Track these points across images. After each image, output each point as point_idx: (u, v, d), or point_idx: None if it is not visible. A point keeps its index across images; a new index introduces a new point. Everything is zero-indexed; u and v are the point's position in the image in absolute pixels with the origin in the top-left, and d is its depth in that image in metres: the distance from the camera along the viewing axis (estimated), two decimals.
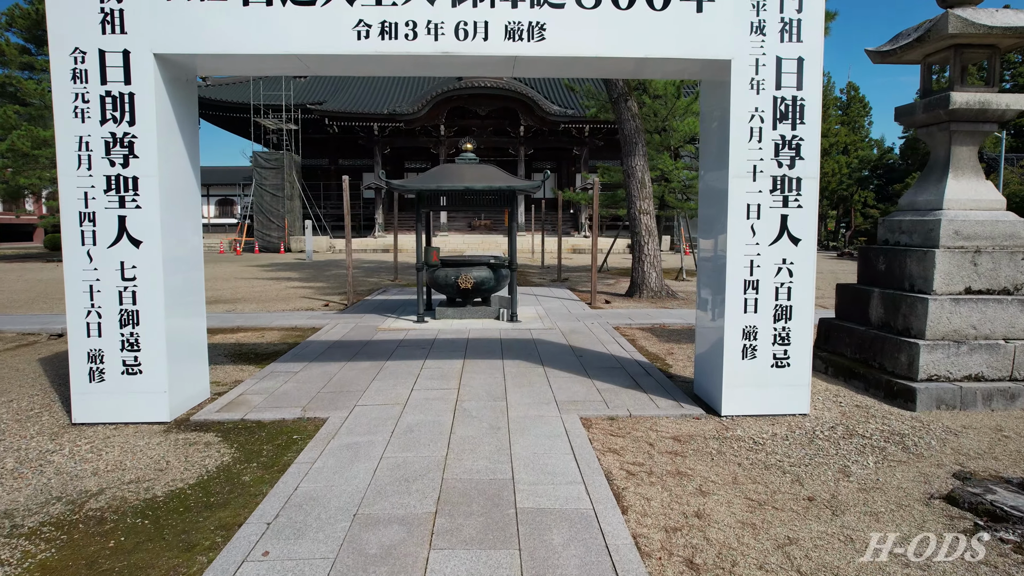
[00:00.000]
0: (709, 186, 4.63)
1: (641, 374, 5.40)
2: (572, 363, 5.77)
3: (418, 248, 7.85)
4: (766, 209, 4.18)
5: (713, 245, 4.53)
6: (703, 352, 4.75)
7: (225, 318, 8.40)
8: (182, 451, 3.61)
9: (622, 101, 10.67)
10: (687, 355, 6.33)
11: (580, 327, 7.69)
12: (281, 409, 4.36)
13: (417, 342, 6.73)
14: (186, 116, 4.35)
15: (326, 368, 5.56)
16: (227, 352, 6.38)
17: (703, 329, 4.75)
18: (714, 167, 4.49)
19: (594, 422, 4.14)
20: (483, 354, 6.13)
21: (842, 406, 4.57)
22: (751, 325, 4.26)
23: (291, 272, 16.77)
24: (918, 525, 2.79)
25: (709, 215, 4.62)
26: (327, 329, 7.56)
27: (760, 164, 4.15)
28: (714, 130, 4.48)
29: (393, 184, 7.52)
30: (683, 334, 7.43)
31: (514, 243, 7.91)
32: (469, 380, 5.12)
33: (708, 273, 4.63)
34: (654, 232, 10.72)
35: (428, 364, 5.68)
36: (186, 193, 4.39)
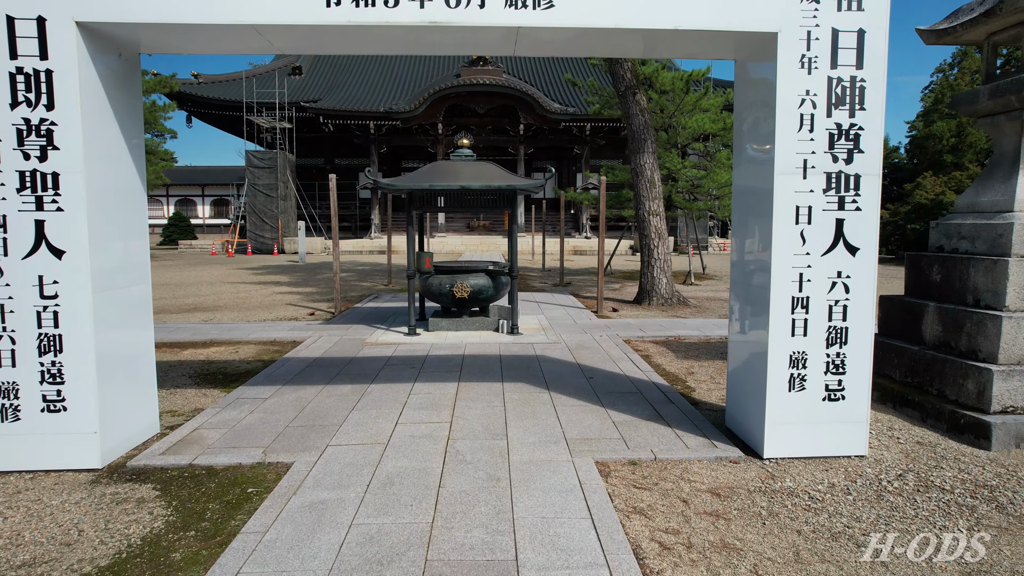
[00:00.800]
0: (746, 185, 3.94)
1: (661, 401, 4.71)
2: (581, 386, 5.07)
3: (409, 253, 7.15)
4: (818, 212, 3.49)
5: (752, 255, 3.84)
6: (738, 379, 4.05)
7: (199, 330, 7.69)
8: (105, 512, 2.91)
9: (630, 95, 9.97)
10: (709, 375, 5.64)
11: (587, 340, 7.00)
12: (239, 450, 3.66)
13: (407, 360, 6.03)
14: (125, 102, 3.66)
15: (300, 393, 4.86)
16: (193, 372, 5.68)
17: (738, 353, 4.06)
18: (753, 163, 3.80)
19: (613, 468, 3.45)
20: (480, 375, 5.43)
21: (901, 443, 3.87)
22: (799, 351, 3.57)
23: (281, 276, 16.07)
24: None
25: (746, 219, 3.93)
26: (309, 343, 6.86)
27: (811, 159, 3.46)
28: (753, 119, 3.79)
29: (381, 183, 6.82)
30: (701, 349, 6.73)
31: (515, 248, 7.22)
32: (464, 410, 4.42)
33: (745, 287, 3.94)
34: (664, 235, 10.03)
35: (417, 389, 4.98)
36: (127, 193, 3.69)
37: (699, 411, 4.53)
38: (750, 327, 3.85)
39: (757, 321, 3.72)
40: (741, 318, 4.02)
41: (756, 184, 3.73)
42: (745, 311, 3.94)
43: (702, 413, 4.48)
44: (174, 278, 15.37)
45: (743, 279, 3.96)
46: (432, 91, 27.09)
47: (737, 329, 4.09)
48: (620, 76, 10.02)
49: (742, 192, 4.00)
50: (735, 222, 4.12)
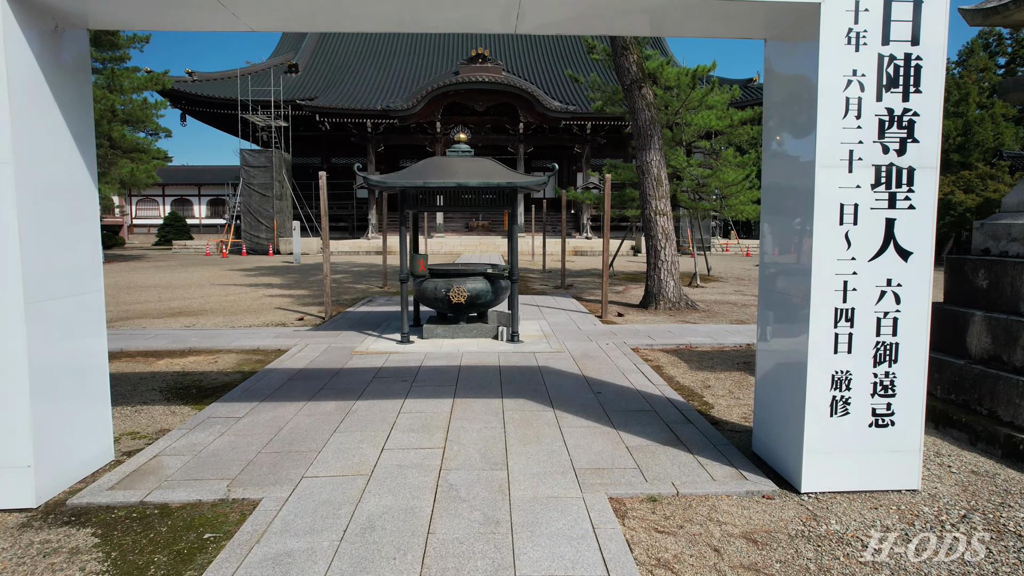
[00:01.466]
0: (779, 183, 3.48)
1: (679, 421, 4.24)
2: (589, 403, 4.61)
3: (402, 255, 6.69)
4: (866, 211, 3.03)
5: (787, 260, 3.38)
6: (768, 400, 3.59)
7: (179, 337, 7.22)
8: (27, 569, 2.45)
9: (636, 88, 9.51)
10: (727, 388, 5.18)
11: (593, 349, 6.53)
12: (201, 484, 3.19)
13: (398, 371, 5.57)
14: (69, 85, 3.19)
15: (278, 412, 4.40)
16: (165, 385, 5.21)
17: (768, 370, 3.59)
18: (789, 156, 3.34)
19: (630, 507, 2.99)
20: (478, 390, 4.96)
21: (954, 473, 3.42)
22: (843, 370, 3.11)
23: (273, 277, 15.60)
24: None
25: (780, 220, 3.47)
26: (294, 352, 6.39)
27: (858, 149, 3.00)
28: (788, 107, 3.33)
29: (372, 179, 6.35)
30: (716, 359, 6.27)
31: (515, 249, 6.76)
32: (459, 433, 3.96)
33: (777, 296, 3.47)
34: (671, 236, 9.57)
35: (408, 406, 4.52)
36: (72, 190, 3.23)
37: (721, 433, 4.06)
38: (784, 342, 3.39)
39: (793, 335, 3.26)
40: (773, 331, 3.55)
41: (792, 180, 3.27)
42: (778, 323, 3.48)
43: (724, 435, 4.02)
44: (163, 280, 14.91)
45: (775, 287, 3.50)
46: (430, 89, 26.63)
47: (767, 343, 3.63)
48: (625, 69, 9.56)
49: (774, 190, 3.53)
50: (765, 223, 3.65)
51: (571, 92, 30.39)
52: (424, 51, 36.29)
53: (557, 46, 36.89)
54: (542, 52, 36.40)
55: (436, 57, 35.58)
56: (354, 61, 34.71)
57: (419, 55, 35.82)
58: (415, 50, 36.32)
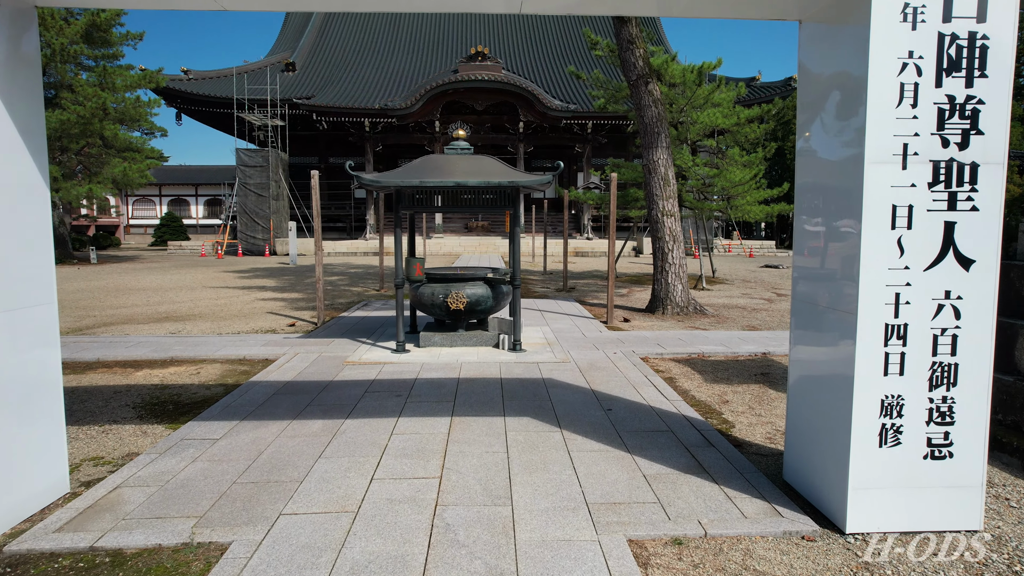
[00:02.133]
0: (817, 182, 3.09)
1: (699, 443, 3.86)
2: (599, 422, 4.22)
3: (397, 259, 6.30)
4: (922, 213, 2.65)
5: (827, 268, 3.00)
6: (803, 424, 3.21)
7: (161, 345, 6.83)
8: None
9: (642, 84, 9.13)
10: (746, 404, 4.81)
11: (600, 359, 6.15)
12: (163, 523, 2.81)
13: (392, 385, 5.18)
14: (11, 70, 2.80)
15: (260, 432, 4.01)
16: (139, 401, 4.83)
17: (804, 391, 3.21)
18: (830, 152, 2.96)
19: (652, 552, 2.60)
20: (478, 406, 4.58)
21: (1015, 508, 3.04)
22: (894, 394, 2.73)
23: (267, 279, 15.21)
24: None
25: (818, 223, 3.08)
26: (282, 362, 6.00)
27: (914, 143, 2.62)
28: (830, 96, 2.94)
29: (365, 179, 5.97)
30: (731, 369, 5.89)
31: (517, 252, 6.37)
32: (457, 458, 3.57)
33: (815, 309, 3.09)
34: (679, 237, 9.18)
35: (401, 426, 4.13)
36: (15, 191, 2.84)
37: (746, 457, 3.68)
38: (824, 361, 3.01)
39: (835, 354, 2.88)
40: (810, 348, 3.17)
41: (835, 179, 2.89)
42: (816, 340, 3.10)
43: (750, 460, 3.64)
44: (154, 282, 14.51)
45: (814, 299, 3.12)
46: (429, 87, 26.25)
47: (803, 361, 3.24)
48: (631, 64, 9.17)
49: (812, 190, 3.15)
50: (800, 227, 3.27)
51: (572, 91, 30.03)
52: (423, 49, 35.91)
53: (558, 44, 36.53)
54: (542, 50, 36.03)
55: (435, 55, 35.20)
56: (352, 60, 34.32)
57: (418, 53, 35.44)
58: (414, 48, 35.94)
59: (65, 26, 18.46)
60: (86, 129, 18.41)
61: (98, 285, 13.83)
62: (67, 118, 17.85)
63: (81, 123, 18.17)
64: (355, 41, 36.56)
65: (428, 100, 26.50)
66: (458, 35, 37.53)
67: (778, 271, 18.14)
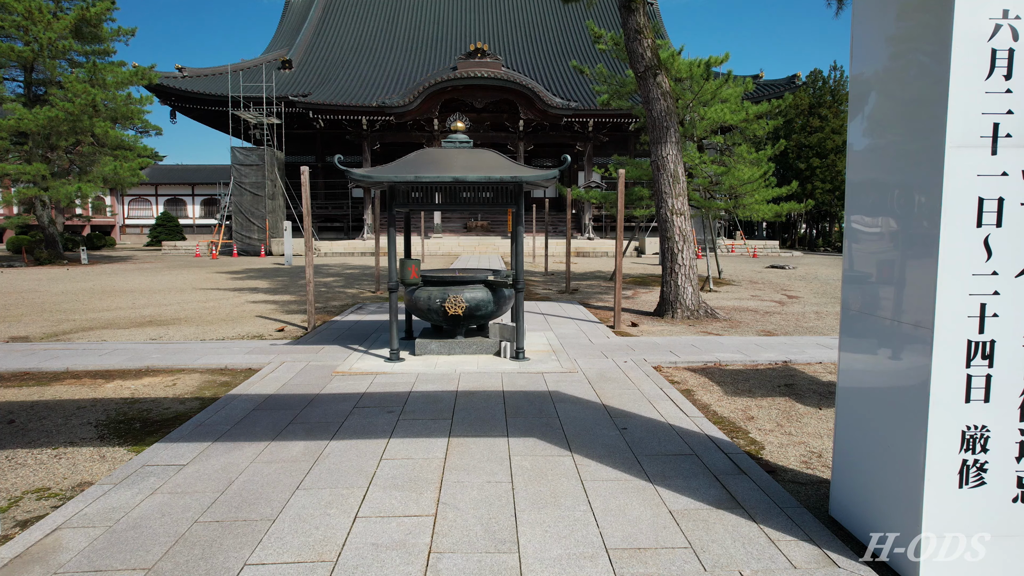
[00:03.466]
0: (876, 177, 2.64)
1: (728, 469, 3.41)
2: (614, 444, 3.77)
3: (391, 260, 5.85)
4: (1014, 207, 2.20)
5: (891, 274, 2.55)
6: (858, 455, 2.76)
7: (138, 353, 6.38)
8: None
9: (650, 76, 8.68)
10: (774, 420, 4.36)
11: (610, 368, 5.70)
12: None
13: (384, 399, 4.73)
14: None
15: (232, 457, 3.56)
16: (104, 418, 4.37)
17: (859, 417, 2.76)
18: (896, 136, 2.51)
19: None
20: (478, 425, 4.13)
21: None
22: (977, 424, 2.28)
23: (260, 281, 14.75)
24: None
25: (879, 222, 2.63)
26: (266, 372, 5.55)
27: (1007, 122, 2.17)
28: (896, 68, 2.49)
29: (355, 174, 5.51)
30: (752, 380, 5.44)
31: (520, 254, 5.92)
32: (455, 491, 3.12)
33: (876, 323, 2.63)
34: (690, 237, 8.74)
35: (392, 449, 3.68)
36: None
37: (782, 486, 3.24)
38: (887, 382, 2.56)
39: (903, 375, 2.43)
40: (867, 367, 2.72)
41: (903, 170, 2.44)
42: (877, 358, 2.65)
43: (788, 490, 3.20)
44: (143, 284, 14.05)
45: (873, 310, 2.66)
46: (427, 84, 25.81)
47: (857, 381, 2.79)
48: (639, 55, 8.73)
49: (870, 185, 2.69)
50: (851, 228, 2.82)
51: (573, 88, 29.59)
52: (422, 47, 35.46)
53: (559, 41, 36.09)
54: (543, 47, 35.58)
55: (434, 53, 34.76)
56: (349, 57, 33.88)
57: (416, 51, 35.00)
58: (412, 46, 35.50)
59: (53, 20, 18.00)
60: (75, 126, 17.95)
61: (84, 287, 13.37)
62: (55, 115, 17.38)
63: (70, 120, 17.71)
64: (353, 38, 36.12)
65: (426, 97, 26.05)
66: (457, 32, 37.08)
67: (784, 272, 17.69)
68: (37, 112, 17.49)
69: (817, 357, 6.20)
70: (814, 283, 14.42)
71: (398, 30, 37.10)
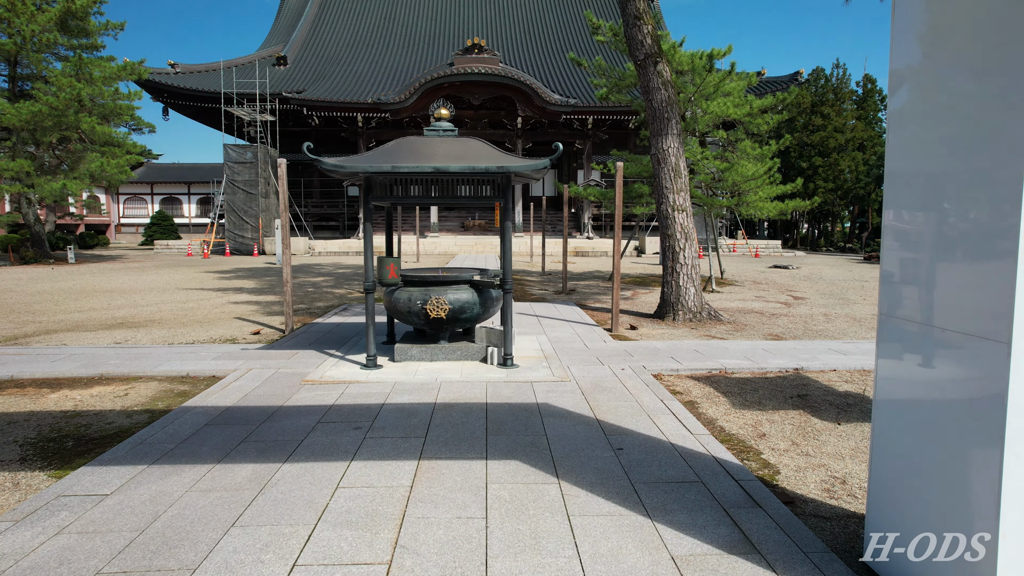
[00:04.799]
0: (931, 163, 2.15)
1: (739, 501, 2.93)
2: (608, 469, 3.29)
3: (367, 258, 5.37)
4: None
5: (951, 276, 2.06)
6: (904, 491, 2.28)
7: (96, 358, 5.89)
8: None
9: (650, 64, 8.20)
10: (788, 438, 3.88)
11: (606, 377, 5.22)
12: None
13: (352, 412, 4.25)
14: None
15: (167, 484, 3.08)
16: (35, 435, 3.89)
17: (906, 446, 2.27)
18: (955, 115, 2.02)
19: None
20: (454, 444, 3.65)
21: None
22: None
23: (247, 280, 14.27)
24: None
25: (931, 217, 2.15)
26: (229, 381, 5.06)
27: None
28: (961, 29, 2.01)
29: (326, 164, 5.02)
30: (761, 390, 4.96)
31: (508, 251, 5.44)
32: (417, 530, 2.63)
33: (929, 334, 2.14)
34: (692, 235, 8.26)
35: (352, 475, 3.20)
36: None
37: (803, 522, 2.76)
38: (944, 406, 2.07)
39: (967, 398, 1.95)
40: (915, 384, 2.24)
41: (965, 156, 1.95)
42: (929, 374, 2.16)
43: (811, 527, 2.72)
44: (126, 283, 13.58)
45: (924, 317, 2.17)
46: (423, 80, 25.31)
47: (902, 401, 2.30)
48: (638, 42, 8.24)
49: (919, 177, 2.20)
50: (892, 225, 2.33)
51: (572, 85, 29.12)
52: (418, 43, 34.99)
53: (557, 36, 35.61)
54: (542, 43, 35.10)
55: (430, 49, 34.28)
56: (345, 54, 33.41)
57: (413, 47, 34.52)
58: (409, 42, 35.02)
59: (37, 12, 17.52)
60: (60, 121, 17.46)
61: (64, 287, 12.90)
62: (39, 109, 16.90)
63: (55, 115, 17.23)
64: (349, 35, 35.65)
65: (422, 94, 25.56)
66: (454, 28, 36.61)
67: (788, 272, 17.21)
68: (20, 106, 17.01)
69: (831, 364, 5.72)
70: (819, 284, 13.94)
71: (395, 26, 36.62)
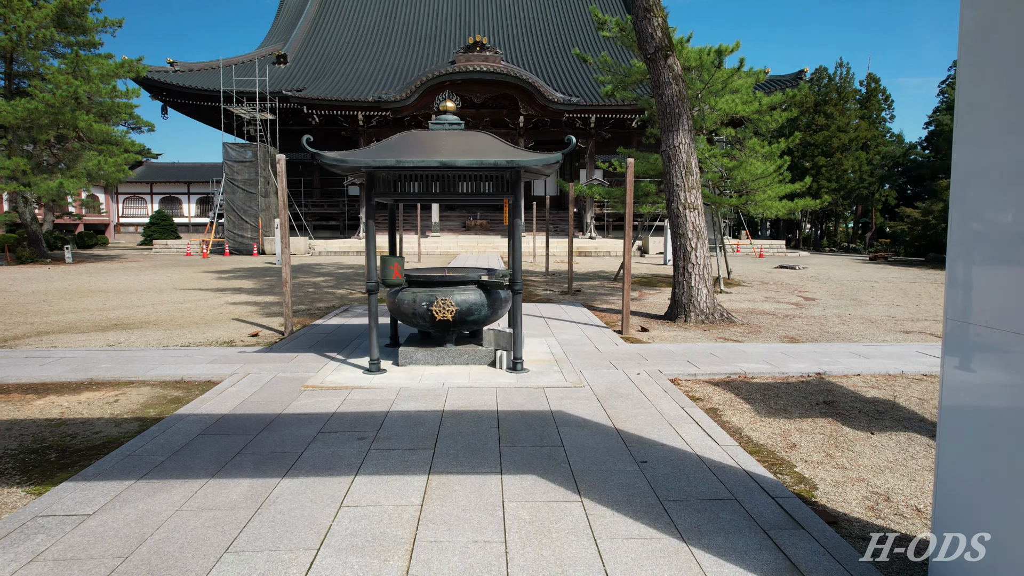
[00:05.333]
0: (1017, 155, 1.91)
1: (779, 521, 2.68)
2: (633, 484, 3.04)
3: (369, 258, 5.12)
4: None
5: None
6: (981, 514, 2.03)
7: (87, 361, 5.65)
8: None
9: (661, 58, 7.95)
10: (822, 449, 3.63)
11: (621, 382, 4.97)
12: None
13: (356, 420, 4.00)
14: None
15: (155, 501, 2.83)
16: (17, 445, 3.65)
17: (987, 461, 2.03)
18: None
19: None
20: (465, 456, 3.40)
21: None
22: None
23: (246, 280, 14.03)
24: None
25: (1020, 226, 1.90)
26: (225, 386, 4.82)
27: None
28: None
29: (326, 158, 4.78)
30: (785, 396, 4.71)
31: (518, 251, 5.19)
32: (430, 555, 2.39)
33: (1015, 338, 1.90)
34: (704, 234, 8.01)
35: (356, 492, 2.95)
36: None
37: (850, 544, 2.52)
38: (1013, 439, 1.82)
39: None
40: (1003, 397, 1.99)
41: None
42: (1006, 396, 1.91)
43: (859, 550, 2.47)
44: (122, 283, 13.33)
45: (1000, 326, 1.93)
46: (425, 78, 25.06)
47: (983, 414, 2.06)
48: (649, 35, 8.00)
49: (997, 171, 1.95)
50: (964, 225, 2.07)
51: (575, 83, 28.88)
52: (419, 41, 34.75)
53: (561, 34, 35.36)
54: (544, 41, 34.85)
55: (432, 47, 34.05)
56: (346, 52, 33.17)
57: (414, 45, 34.28)
58: (410, 40, 34.78)
59: (33, 9, 17.28)
60: (57, 119, 17.22)
61: (59, 287, 12.65)
62: (35, 107, 16.66)
63: (52, 112, 16.99)
64: (349, 33, 35.41)
65: (424, 92, 25.31)
66: (456, 26, 36.37)
67: (795, 272, 16.97)
68: (16, 104, 16.77)
69: (854, 368, 5.48)
70: (828, 284, 13.69)
71: (396, 24, 36.38)
